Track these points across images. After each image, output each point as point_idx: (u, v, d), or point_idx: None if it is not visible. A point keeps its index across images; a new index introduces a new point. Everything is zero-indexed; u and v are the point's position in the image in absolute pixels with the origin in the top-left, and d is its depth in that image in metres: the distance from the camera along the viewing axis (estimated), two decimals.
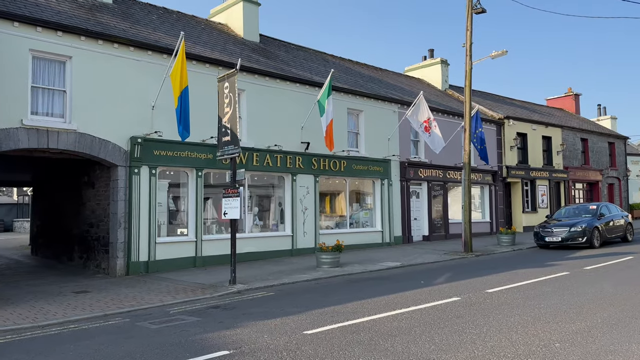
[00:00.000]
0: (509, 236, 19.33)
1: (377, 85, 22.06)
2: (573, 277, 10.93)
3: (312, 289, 10.40)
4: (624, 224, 19.34)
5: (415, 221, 21.77)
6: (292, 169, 16.75)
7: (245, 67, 15.59)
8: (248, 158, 15.49)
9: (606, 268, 12.22)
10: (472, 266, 13.67)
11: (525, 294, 9.02)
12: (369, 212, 20.09)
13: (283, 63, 18.37)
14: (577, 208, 19.60)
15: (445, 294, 9.27)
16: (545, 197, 28.05)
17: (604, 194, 32.98)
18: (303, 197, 17.08)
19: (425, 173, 21.99)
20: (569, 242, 17.30)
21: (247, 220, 15.97)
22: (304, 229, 17.00)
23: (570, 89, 37.77)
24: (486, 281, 10.68)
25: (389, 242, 19.87)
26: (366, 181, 19.99)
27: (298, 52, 21.26)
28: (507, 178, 26.07)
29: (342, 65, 22.76)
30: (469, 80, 17.31)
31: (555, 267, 12.68)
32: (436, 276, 11.75)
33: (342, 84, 19.07)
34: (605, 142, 33.96)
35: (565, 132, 30.21)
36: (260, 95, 16.17)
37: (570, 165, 30.06)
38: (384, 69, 26.83)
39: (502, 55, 17.06)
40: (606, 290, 9.22)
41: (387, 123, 20.40)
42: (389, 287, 10.32)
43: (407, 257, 15.83)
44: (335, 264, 13.56)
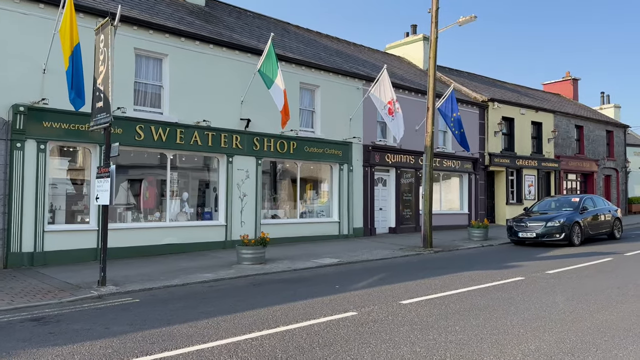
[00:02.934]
0: (480, 230, 17.19)
1: (342, 59, 19.81)
2: (525, 284, 8.80)
3: (195, 295, 8.34)
4: (611, 220, 17.11)
5: (380, 211, 19.63)
6: (228, 149, 14.62)
7: (166, 28, 13.46)
8: (170, 135, 13.38)
9: (572, 273, 10.07)
10: (418, 266, 11.57)
11: (446, 310, 6.92)
12: (325, 200, 17.96)
13: (226, 28, 16.16)
14: (558, 200, 17.35)
15: (345, 306, 7.19)
16: (532, 188, 25.77)
17: (600, 186, 30.63)
18: (241, 181, 14.97)
19: (394, 158, 19.80)
20: (545, 238, 15.13)
21: (170, 206, 13.89)
22: (242, 218, 14.91)
23: (568, 73, 35.25)
24: (414, 287, 8.59)
25: (347, 235, 17.78)
26: (323, 166, 17.84)
27: (253, 20, 19.03)
28: (490, 166, 23.81)
29: (305, 36, 20.50)
30: (433, 52, 15.05)
31: (513, 269, 10.54)
32: (363, 278, 9.67)
33: (294, 55, 16.84)
34: (603, 131, 31.51)
35: (558, 117, 27.82)
36: (189, 62, 14.01)
37: (562, 154, 27.71)
38: (358, 44, 24.56)
39: (471, 21, 14.75)
40: (555, 306, 7.10)
41: (350, 101, 18.19)
42: (292, 294, 8.26)
43: (355, 252, 13.74)
44: (258, 260, 11.51)
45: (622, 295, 7.92)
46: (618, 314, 6.66)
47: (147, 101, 13.52)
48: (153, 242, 13.11)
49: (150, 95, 13.59)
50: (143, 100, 13.45)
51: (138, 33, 13.09)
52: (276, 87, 13.35)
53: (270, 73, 13.47)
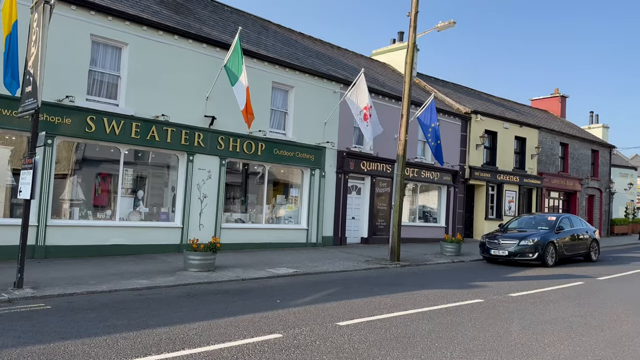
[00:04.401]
0: (453, 245, 16.51)
1: (321, 61, 19.13)
2: (481, 308, 8.09)
3: (116, 305, 7.53)
4: (588, 241, 16.51)
5: (352, 220, 18.91)
6: (189, 146, 13.83)
7: (127, 15, 12.69)
8: (124, 128, 12.57)
9: (537, 297, 9.38)
10: (376, 281, 10.83)
11: (385, 335, 6.18)
12: (293, 206, 17.20)
13: (197, 21, 15.41)
14: (534, 218, 16.72)
15: (274, 326, 6.42)
16: (513, 204, 25.19)
17: (583, 205, 30.16)
18: (202, 182, 14.17)
19: (370, 166, 19.11)
20: (517, 257, 14.48)
21: (121, 205, 13.05)
22: (201, 220, 14.10)
23: (557, 89, 34.86)
24: (360, 306, 7.84)
25: (315, 243, 17.01)
26: (294, 170, 17.10)
27: (230, 15, 18.29)
28: (470, 180, 23.20)
29: (285, 36, 19.80)
30: (410, 57, 14.41)
31: (475, 290, 9.84)
32: (312, 293, 8.91)
33: (268, 52, 16.13)
34: (588, 150, 31.08)
35: (543, 134, 27.32)
36: (151, 53, 13.24)
37: (545, 172, 27.19)
38: (343, 48, 23.91)
39: (450, 26, 14.17)
40: (507, 336, 6.38)
41: (325, 104, 17.48)
42: (224, 308, 7.49)
43: (316, 262, 12.99)
44: (206, 267, 10.70)
45: (584, 325, 7.24)
46: (573, 349, 5.97)
47: (103, 91, 12.71)
48: (99, 242, 12.27)
49: (107, 85, 12.79)
50: (98, 90, 12.64)
51: (96, 18, 12.31)
52: (240, 85, 12.61)
53: (235, 69, 12.73)
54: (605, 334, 6.80)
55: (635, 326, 7.33)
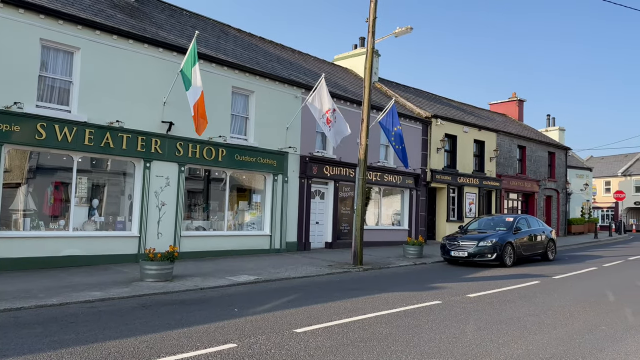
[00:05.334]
0: (415, 247, 16.68)
1: (283, 66, 19.07)
2: (439, 309, 8.17)
3: (65, 319, 7.24)
4: (544, 241, 16.97)
5: (316, 225, 18.87)
6: (146, 153, 13.51)
7: (79, 19, 12.32)
8: (77, 135, 12.17)
9: (494, 297, 9.55)
10: (338, 285, 10.81)
11: (342, 340, 6.15)
12: (256, 212, 17.03)
13: (153, 25, 15.11)
14: (493, 219, 17.09)
15: (230, 335, 6.29)
16: (473, 206, 25.71)
17: (541, 206, 31.07)
18: (160, 189, 13.85)
19: (333, 171, 19.14)
20: (476, 258, 14.74)
21: (75, 214, 12.61)
22: (159, 229, 13.77)
23: (514, 94, 35.86)
24: (320, 312, 7.79)
25: (279, 249, 16.88)
26: (256, 176, 16.94)
27: (188, 19, 18.02)
28: (432, 183, 23.55)
29: (245, 40, 19.66)
30: (369, 62, 14.50)
31: (434, 292, 9.94)
32: (272, 300, 8.80)
33: (228, 57, 15.95)
34: (545, 152, 32.08)
35: (501, 137, 28.04)
36: (105, 58, 12.88)
37: (504, 174, 27.89)
38: (305, 53, 23.93)
39: (407, 32, 14.36)
40: (463, 337, 6.45)
41: (287, 109, 17.42)
42: (180, 319, 7.29)
43: (279, 269, 12.86)
44: (163, 277, 10.43)
45: (538, 324, 7.39)
46: (527, 348, 6.07)
47: (54, 97, 12.28)
48: (52, 254, 11.82)
49: (58, 91, 12.36)
50: (49, 96, 12.20)
51: (46, 22, 11.90)
52: (193, 89, 12.41)
53: (189, 73, 12.53)
54: (557, 332, 6.95)
55: (586, 323, 7.54)
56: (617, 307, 8.79)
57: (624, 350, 6.08)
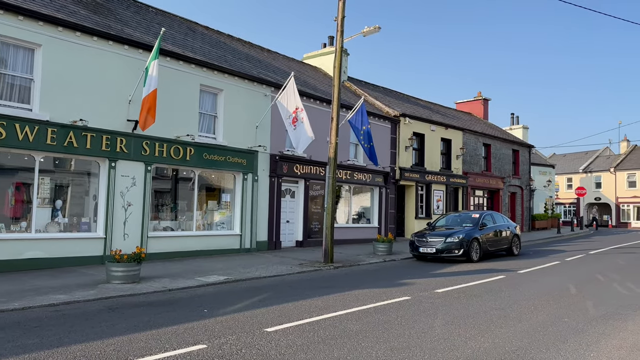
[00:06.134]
0: (385, 245, 16.86)
1: (252, 64, 18.94)
2: (408, 305, 8.29)
3: (27, 323, 7.02)
4: (509, 236, 17.43)
5: (287, 224, 18.85)
6: (111, 152, 13.21)
7: (40, 15, 11.94)
8: (39, 134, 11.79)
9: (461, 292, 9.76)
10: (309, 284, 10.83)
11: (313, 338, 6.18)
12: (226, 211, 16.88)
13: (118, 22, 14.77)
14: (459, 216, 17.46)
15: (199, 336, 6.23)
16: (441, 203, 26.17)
17: (505, 202, 31.85)
18: (126, 189, 13.57)
19: (303, 169, 19.15)
20: (444, 254, 15.02)
21: (37, 216, 12.23)
22: (125, 230, 13.49)
23: (479, 93, 36.66)
24: (291, 310, 7.79)
25: (249, 249, 16.79)
26: (225, 175, 16.79)
27: (155, 16, 17.70)
28: (401, 180, 23.84)
29: (213, 37, 19.44)
30: (338, 61, 14.57)
31: (403, 288, 10.08)
32: (242, 300, 8.75)
33: (196, 55, 15.74)
34: (509, 150, 32.89)
35: (467, 135, 28.61)
36: (68, 55, 12.52)
37: (470, 171, 28.48)
38: (273, 51, 23.82)
39: (375, 32, 14.48)
40: (431, 332, 6.57)
41: (257, 108, 17.33)
42: (148, 321, 7.17)
43: (249, 268, 12.79)
44: (130, 278, 10.23)
45: (503, 317, 7.59)
46: (493, 341, 6.23)
47: (14, 95, 11.86)
48: (13, 256, 11.42)
49: (18, 89, 11.95)
50: (8, 94, 11.78)
51: (5, 18, 11.47)
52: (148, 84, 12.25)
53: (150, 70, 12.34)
54: (522, 325, 7.15)
55: (549, 316, 7.78)
56: (579, 300, 9.11)
57: (585, 341, 6.30)
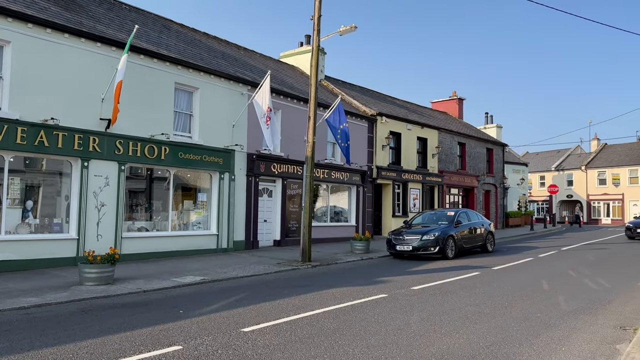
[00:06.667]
0: (363, 243, 16.95)
1: (228, 63, 18.80)
2: (385, 303, 8.36)
3: None
4: (484, 233, 17.71)
5: (264, 224, 18.78)
6: (83, 152, 12.95)
7: (9, 11, 11.63)
8: (8, 133, 11.48)
9: (436, 289, 9.88)
10: (286, 283, 10.82)
11: (290, 337, 6.18)
12: (202, 211, 16.72)
13: (90, 19, 14.48)
14: (435, 214, 17.68)
15: (174, 337, 6.16)
16: (417, 201, 26.44)
17: (480, 200, 32.36)
18: (99, 189, 13.32)
19: (281, 169, 19.10)
20: (420, 251, 15.19)
21: (7, 216, 11.91)
22: (99, 231, 13.25)
23: (454, 92, 37.13)
24: (268, 310, 7.77)
25: (226, 249, 16.66)
26: (202, 174, 16.63)
27: (128, 13, 17.41)
28: (378, 179, 24.00)
29: (189, 35, 19.22)
30: (315, 60, 14.58)
31: (380, 286, 10.16)
32: (218, 300, 8.69)
33: (170, 52, 15.54)
34: (483, 148, 33.42)
35: (443, 134, 28.96)
36: (38, 52, 12.22)
37: (445, 170, 28.84)
38: (250, 49, 23.70)
39: (351, 31, 14.54)
40: (407, 329, 6.64)
41: (233, 106, 17.21)
42: (122, 322, 7.05)
43: (226, 268, 12.70)
44: (104, 280, 10.05)
45: (478, 313, 7.71)
46: (467, 337, 6.32)
47: None
48: None
49: None
50: None
51: None
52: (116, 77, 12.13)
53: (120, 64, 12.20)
54: (496, 320, 7.28)
55: (523, 311, 7.93)
56: (551, 295, 9.31)
57: (557, 336, 6.45)
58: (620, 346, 5.98)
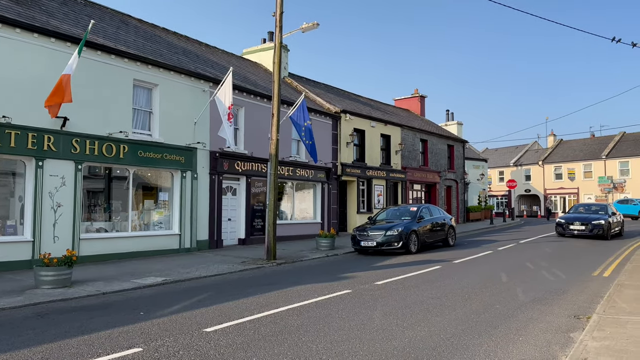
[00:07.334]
0: (328, 240, 17.00)
1: (189, 59, 18.47)
2: (349, 298, 8.42)
3: None
4: (445, 228, 18.07)
5: (229, 222, 18.58)
6: (38, 151, 12.47)
7: None
8: None
9: (399, 283, 10.02)
10: (250, 282, 10.74)
11: (253, 336, 6.15)
12: (164, 211, 16.39)
13: (44, 13, 13.94)
14: (398, 210, 17.91)
15: (134, 340, 6.02)
16: (382, 197, 26.73)
17: (442, 196, 33.00)
18: (55, 190, 12.86)
19: (245, 166, 18.92)
20: (384, 247, 15.36)
21: None
22: (55, 232, 12.80)
23: (416, 90, 37.68)
24: (231, 309, 7.70)
25: (190, 248, 16.40)
26: (163, 173, 16.29)
27: (84, 8, 16.84)
28: (342, 176, 24.12)
29: (148, 31, 18.78)
30: (278, 57, 14.49)
31: (345, 282, 10.22)
32: (181, 300, 8.54)
33: (128, 48, 15.14)
34: (444, 145, 34.07)
35: (405, 131, 29.36)
36: None
37: (408, 166, 29.26)
38: (212, 46, 23.36)
39: (314, 28, 14.56)
40: (371, 323, 6.71)
41: (195, 103, 16.92)
42: (79, 326, 6.84)
43: (189, 268, 12.49)
44: (61, 283, 9.72)
45: (439, 306, 7.86)
46: (429, 329, 6.44)
47: None
48: None
49: None
50: None
51: None
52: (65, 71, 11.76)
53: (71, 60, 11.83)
54: (457, 313, 7.44)
55: (482, 303, 8.14)
56: (509, 287, 9.59)
57: (515, 326, 6.65)
58: (574, 334, 6.22)
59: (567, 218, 21.44)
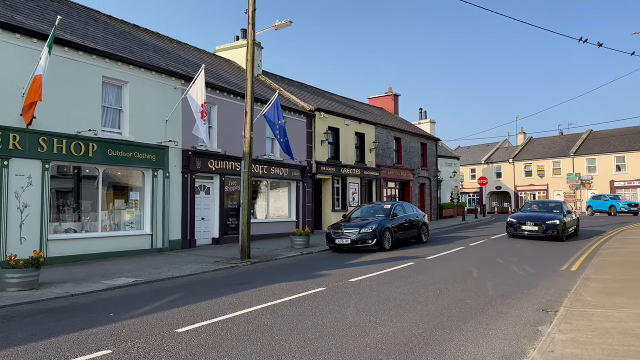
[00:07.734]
0: (302, 238, 17.00)
1: (160, 56, 18.18)
2: (323, 296, 8.44)
3: None
4: (419, 225, 18.26)
5: (202, 221, 18.37)
6: (3, 150, 12.08)
7: None
8: None
9: (373, 280, 10.09)
10: (224, 281, 10.65)
11: (225, 336, 6.10)
12: (135, 210, 16.11)
13: (8, 8, 13.50)
14: (372, 207, 18.03)
15: (103, 341, 5.91)
16: (356, 195, 26.85)
17: (415, 193, 33.35)
18: (21, 189, 12.49)
19: (218, 165, 18.74)
20: (359, 244, 15.44)
21: None
22: (22, 233, 12.44)
23: (390, 88, 37.97)
24: (204, 309, 7.62)
25: (162, 248, 16.16)
26: (134, 172, 16.00)
27: (50, 3, 16.39)
28: (317, 174, 24.13)
29: (117, 27, 18.40)
30: (250, 54, 14.38)
31: (319, 279, 10.23)
32: (152, 301, 8.41)
33: (97, 45, 14.81)
34: (418, 143, 34.43)
35: (379, 129, 29.56)
36: None
37: (383, 164, 29.47)
38: (184, 43, 23.06)
39: (287, 25, 14.49)
40: (344, 320, 6.73)
41: (166, 101, 16.66)
42: (47, 329, 6.67)
43: (161, 269, 12.31)
44: (28, 285, 9.47)
45: (412, 302, 7.95)
46: (402, 325, 6.50)
47: None
48: None
49: None
50: None
51: None
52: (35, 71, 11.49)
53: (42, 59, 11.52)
54: (429, 308, 7.54)
55: (454, 298, 8.26)
56: (480, 282, 9.76)
57: (485, 321, 6.77)
58: (542, 328, 6.37)
59: (519, 217, 19.09)
